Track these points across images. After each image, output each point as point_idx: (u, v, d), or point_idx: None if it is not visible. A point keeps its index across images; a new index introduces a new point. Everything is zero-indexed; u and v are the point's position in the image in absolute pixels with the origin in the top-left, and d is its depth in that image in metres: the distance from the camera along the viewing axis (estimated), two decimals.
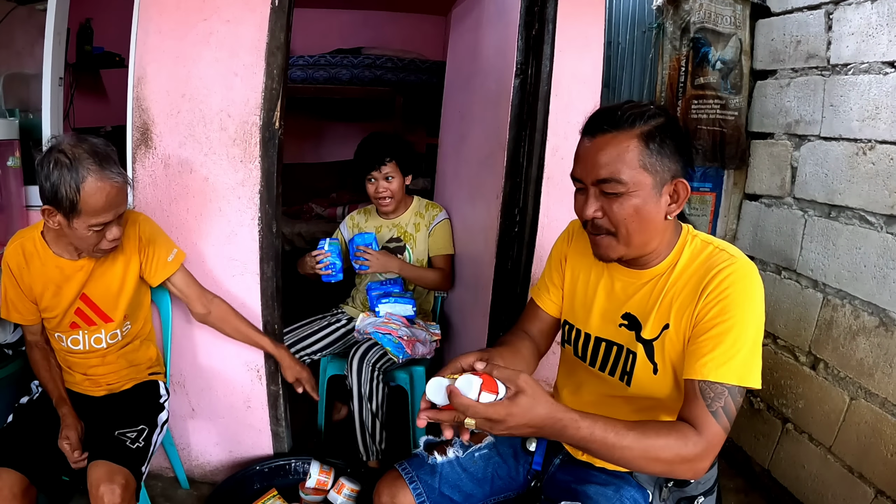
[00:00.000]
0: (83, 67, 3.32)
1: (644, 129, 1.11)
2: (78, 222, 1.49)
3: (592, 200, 1.17)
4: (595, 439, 1.02)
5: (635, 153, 1.11)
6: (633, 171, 1.11)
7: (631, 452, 1.03)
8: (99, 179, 1.46)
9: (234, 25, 1.85)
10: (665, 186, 1.14)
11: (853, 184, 1.92)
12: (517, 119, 1.84)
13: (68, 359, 1.79)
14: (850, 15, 1.94)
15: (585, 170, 1.16)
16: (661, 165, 1.12)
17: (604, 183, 1.13)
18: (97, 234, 1.53)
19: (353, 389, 2.20)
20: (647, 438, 1.04)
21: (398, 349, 2.17)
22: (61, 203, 1.46)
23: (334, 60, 3.97)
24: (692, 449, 1.05)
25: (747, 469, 2.38)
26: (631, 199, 1.13)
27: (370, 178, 2.44)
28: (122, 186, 1.53)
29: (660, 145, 1.11)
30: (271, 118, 1.86)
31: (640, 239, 1.18)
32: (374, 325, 2.23)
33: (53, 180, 1.44)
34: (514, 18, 1.85)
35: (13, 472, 1.52)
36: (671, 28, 2.40)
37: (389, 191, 2.44)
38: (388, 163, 2.40)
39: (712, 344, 1.10)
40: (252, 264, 1.98)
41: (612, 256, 1.22)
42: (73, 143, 1.47)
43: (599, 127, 1.14)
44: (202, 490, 2.23)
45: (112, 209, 1.52)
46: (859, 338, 1.89)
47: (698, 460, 1.06)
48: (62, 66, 2.03)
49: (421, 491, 1.37)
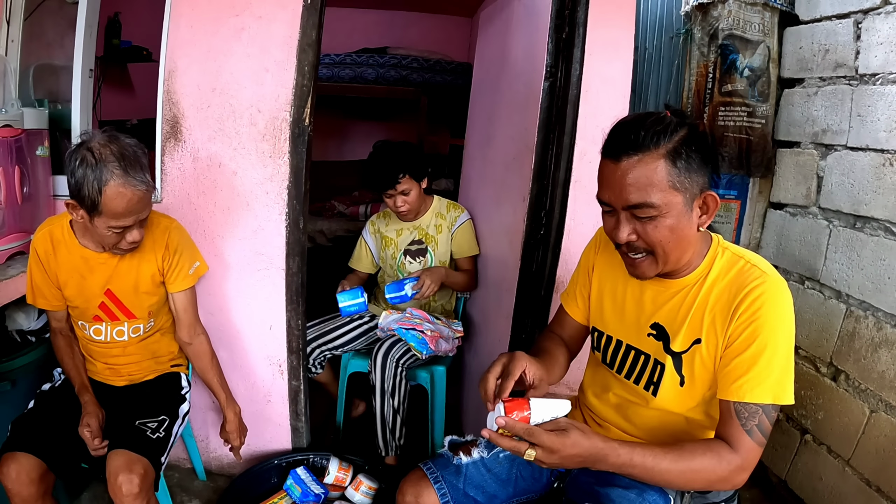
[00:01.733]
0: (111, 61, 3.33)
1: (669, 146, 1.08)
2: (99, 221, 1.50)
3: (625, 224, 1.15)
4: (635, 464, 1.08)
5: (664, 174, 1.08)
6: (664, 193, 1.09)
7: (669, 475, 1.10)
8: (122, 185, 1.46)
9: (266, 22, 1.86)
10: (695, 200, 1.13)
11: (879, 195, 1.91)
12: (546, 122, 1.84)
13: (90, 347, 1.81)
14: (878, 25, 1.93)
15: (614, 195, 1.14)
16: (690, 181, 1.10)
17: (635, 208, 1.12)
18: (117, 235, 1.54)
19: (375, 385, 2.21)
20: (684, 461, 1.09)
21: (422, 345, 2.20)
22: (84, 201, 1.47)
23: (360, 59, 3.98)
24: (727, 467, 1.10)
25: (764, 480, 2.37)
26: (665, 221, 1.12)
27: (387, 195, 2.42)
28: (145, 194, 1.52)
29: (687, 161, 1.09)
30: (301, 114, 1.87)
31: (676, 255, 1.18)
32: (399, 322, 2.25)
33: (78, 177, 1.45)
34: (544, 21, 1.84)
35: (31, 456, 1.53)
36: (699, 34, 2.39)
37: (408, 203, 2.42)
38: (402, 179, 2.37)
39: (746, 365, 1.12)
40: (278, 259, 1.99)
41: (650, 275, 1.21)
42: (102, 143, 1.47)
43: (623, 149, 1.10)
44: (219, 483, 2.25)
45: (132, 215, 1.52)
46: (881, 350, 1.87)
47: (735, 476, 1.11)
48: (92, 59, 2.05)
49: (445, 491, 1.38)
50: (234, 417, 1.93)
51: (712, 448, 1.11)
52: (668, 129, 1.09)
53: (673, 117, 1.12)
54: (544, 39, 1.83)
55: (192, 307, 1.86)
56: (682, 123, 1.11)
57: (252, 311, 2.08)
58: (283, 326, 2.06)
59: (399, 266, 2.55)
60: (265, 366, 2.12)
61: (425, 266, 2.52)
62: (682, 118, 1.13)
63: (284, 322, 2.05)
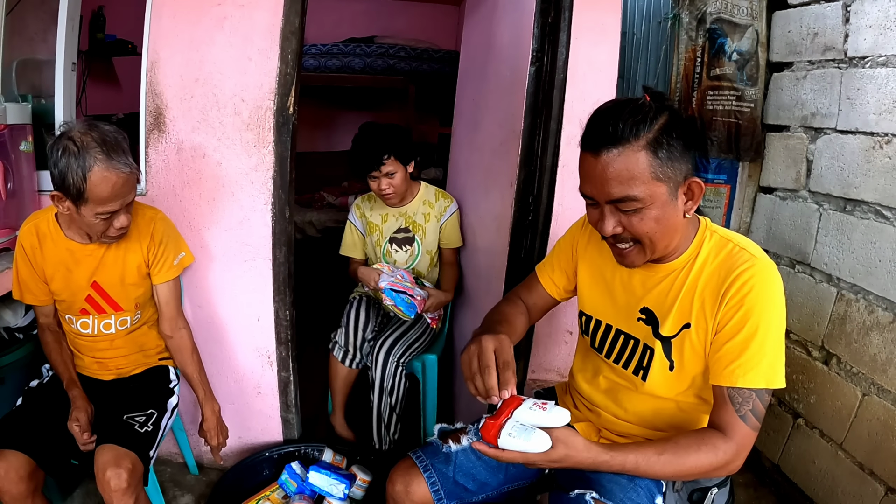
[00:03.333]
0: (95, 55, 3.31)
1: (650, 136, 1.06)
2: (85, 209, 1.49)
3: (609, 217, 1.14)
4: (628, 469, 1.11)
5: (646, 166, 1.06)
6: (647, 185, 1.08)
7: (665, 471, 1.12)
8: (105, 169, 1.45)
9: (248, 10, 1.84)
10: (679, 188, 1.11)
11: (869, 178, 1.90)
12: (532, 107, 1.83)
13: (77, 341, 1.80)
14: (867, 7, 1.92)
15: (596, 189, 1.12)
16: (674, 170, 1.08)
17: (619, 202, 1.10)
18: (105, 221, 1.53)
19: (374, 382, 2.22)
20: (679, 457, 1.11)
21: (410, 308, 2.26)
22: (69, 190, 1.45)
23: (347, 49, 3.97)
24: (723, 457, 1.11)
25: (757, 464, 2.37)
26: (650, 212, 1.11)
27: (372, 177, 2.36)
28: (129, 176, 1.51)
29: (668, 150, 1.07)
30: (285, 103, 1.85)
31: (664, 244, 1.17)
32: (390, 283, 2.27)
33: (61, 167, 1.44)
34: (529, 6, 1.83)
35: (20, 454, 1.52)
36: (687, 18, 2.38)
37: (392, 187, 2.36)
38: (387, 160, 2.31)
39: (738, 350, 1.12)
40: (264, 249, 1.98)
41: (638, 264, 1.21)
42: (82, 131, 1.46)
43: (602, 143, 1.07)
44: (211, 476, 2.24)
45: (118, 199, 1.51)
46: (873, 333, 1.87)
47: (731, 463, 1.13)
48: (75, 52, 2.03)
49: (435, 479, 1.37)
50: (213, 416, 1.88)
51: (706, 440, 1.12)
52: (648, 118, 1.06)
53: (651, 102, 1.10)
54: (530, 24, 1.82)
55: (175, 300, 1.85)
56: (661, 109, 1.09)
57: (239, 303, 2.06)
58: (271, 317, 2.05)
59: (384, 254, 2.52)
60: (254, 357, 2.11)
61: (412, 255, 2.51)
62: (662, 102, 1.10)
63: (272, 313, 2.04)
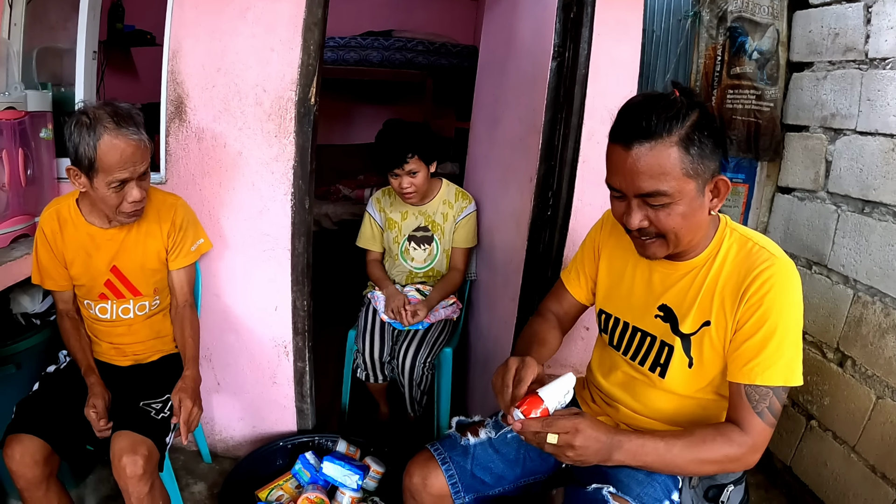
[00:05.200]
0: (114, 45, 3.32)
1: (682, 132, 1.06)
2: (98, 181, 1.51)
3: (636, 211, 1.14)
4: (647, 451, 1.11)
5: (677, 162, 1.07)
6: (677, 181, 1.08)
7: (682, 459, 1.12)
8: (114, 137, 1.48)
9: (271, 1, 1.85)
10: (707, 185, 1.12)
11: (888, 180, 1.89)
12: (553, 102, 1.82)
13: (95, 327, 1.81)
14: (889, 9, 1.90)
15: (625, 182, 1.12)
16: (703, 167, 1.09)
17: (648, 196, 1.11)
18: (117, 193, 1.55)
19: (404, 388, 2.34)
20: (695, 446, 1.12)
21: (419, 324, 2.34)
22: (82, 162, 1.49)
23: (365, 42, 3.97)
24: (739, 449, 1.12)
25: (769, 465, 2.37)
26: (678, 208, 1.11)
27: (394, 174, 2.33)
28: (139, 143, 1.53)
29: (700, 147, 1.07)
30: (307, 94, 1.85)
31: (687, 238, 1.18)
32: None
33: (75, 141, 1.48)
34: (551, 2, 1.83)
35: (36, 438, 1.53)
36: (708, 17, 2.36)
37: (414, 186, 2.34)
38: (411, 159, 2.28)
39: (756, 348, 1.13)
40: (283, 240, 1.99)
41: (660, 256, 1.21)
42: (97, 106, 1.51)
43: (634, 136, 1.07)
44: (224, 465, 2.25)
45: (128, 166, 1.52)
46: (888, 336, 1.86)
47: (747, 457, 1.14)
48: (96, 40, 2.04)
49: (453, 472, 1.38)
50: (192, 383, 1.68)
51: (723, 432, 1.13)
52: (680, 114, 1.07)
53: (682, 98, 1.10)
54: (552, 19, 1.81)
55: (189, 284, 1.86)
56: (692, 105, 1.09)
57: (257, 292, 2.07)
58: (288, 307, 2.05)
59: (402, 252, 2.52)
60: (270, 347, 2.12)
61: (430, 255, 2.50)
62: (692, 98, 1.11)
63: (290, 303, 2.04)
